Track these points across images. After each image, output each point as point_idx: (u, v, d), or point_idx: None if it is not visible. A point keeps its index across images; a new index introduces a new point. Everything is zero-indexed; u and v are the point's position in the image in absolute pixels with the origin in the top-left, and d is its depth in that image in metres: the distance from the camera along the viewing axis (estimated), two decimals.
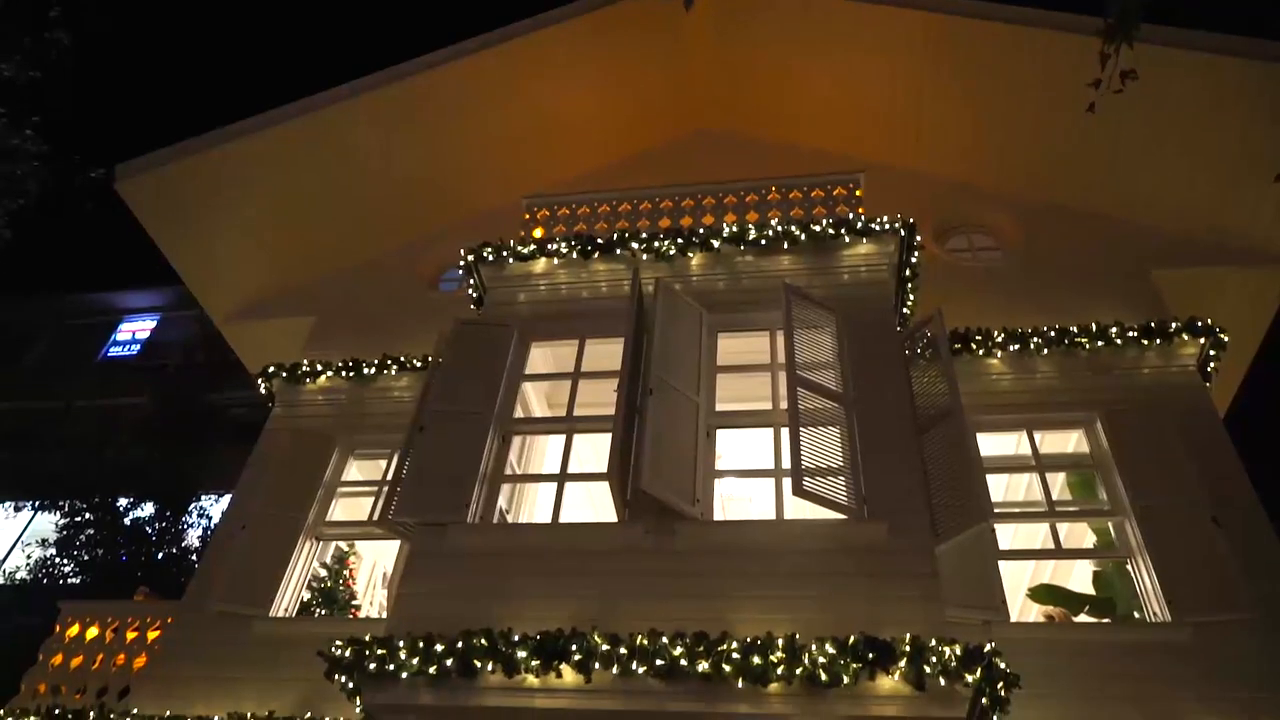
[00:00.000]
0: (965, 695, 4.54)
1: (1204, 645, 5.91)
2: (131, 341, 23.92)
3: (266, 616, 7.12)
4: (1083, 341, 7.67)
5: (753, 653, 4.70)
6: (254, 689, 6.64)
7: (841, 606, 5.02)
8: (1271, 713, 5.55)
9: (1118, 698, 5.73)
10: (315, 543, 7.84)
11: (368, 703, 5.17)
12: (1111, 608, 7.03)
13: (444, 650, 5.00)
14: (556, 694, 4.88)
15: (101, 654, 7.41)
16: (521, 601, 5.36)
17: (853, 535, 5.39)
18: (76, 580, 13.98)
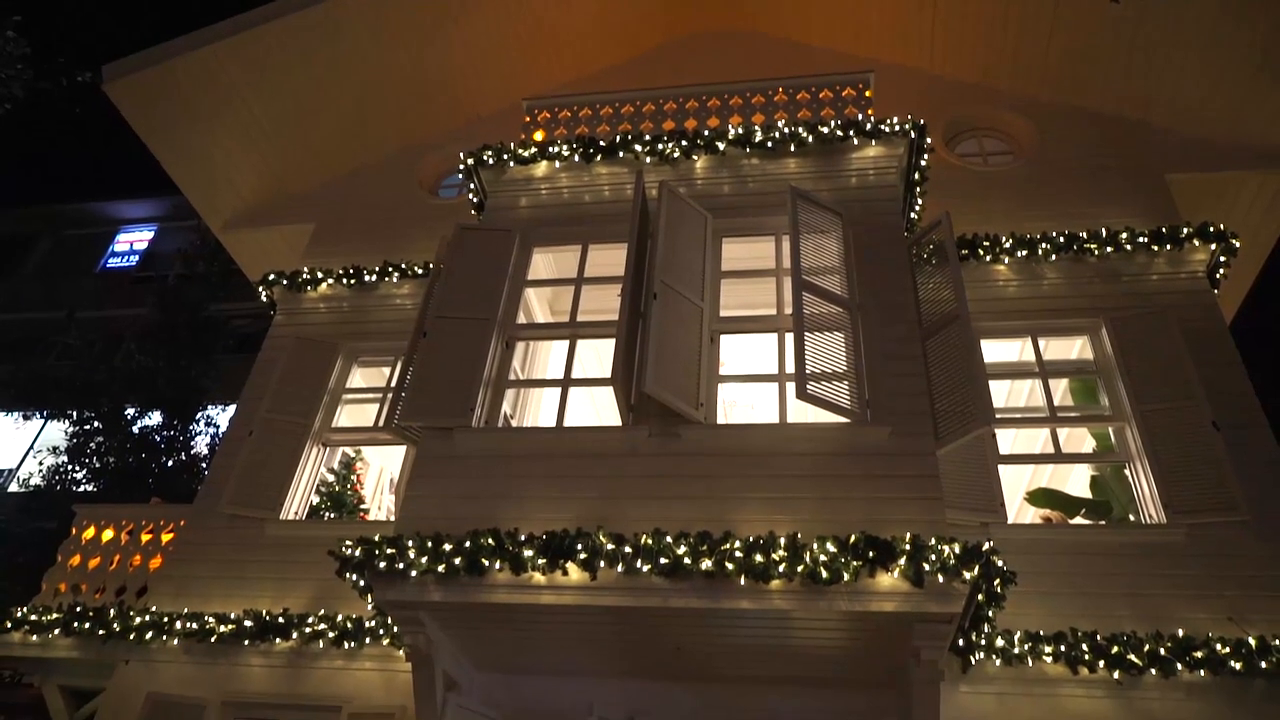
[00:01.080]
0: (962, 592, 4.64)
1: (1197, 546, 6.03)
2: (130, 252, 23.79)
3: (277, 519, 7.27)
4: (1091, 247, 7.57)
5: (755, 551, 4.78)
6: (268, 588, 6.83)
7: (843, 507, 5.08)
8: (1261, 611, 5.69)
9: (1110, 595, 5.87)
10: (322, 448, 7.94)
11: (378, 599, 5.30)
12: (1107, 511, 7.15)
13: (452, 549, 5.10)
14: (563, 591, 4.99)
15: (118, 555, 7.60)
16: (527, 503, 5.44)
17: (855, 438, 5.42)
18: (90, 487, 14.22)
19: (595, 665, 5.83)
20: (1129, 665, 5.48)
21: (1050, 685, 5.59)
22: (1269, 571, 5.86)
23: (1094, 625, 5.65)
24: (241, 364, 9.96)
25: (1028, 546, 5.99)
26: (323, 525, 7.39)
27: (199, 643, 6.59)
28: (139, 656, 6.68)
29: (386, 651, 6.33)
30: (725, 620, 4.99)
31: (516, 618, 5.25)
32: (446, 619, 5.39)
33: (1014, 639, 5.61)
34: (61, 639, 6.83)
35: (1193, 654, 5.45)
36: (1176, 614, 5.72)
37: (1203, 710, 5.42)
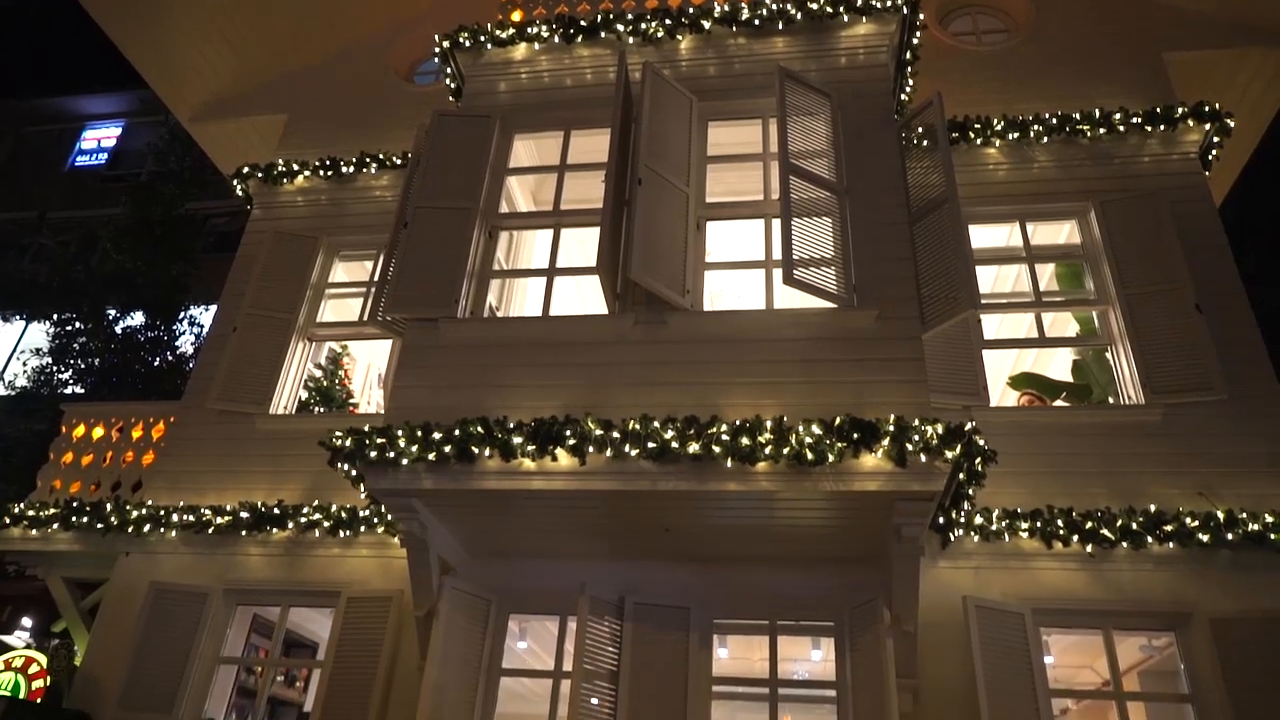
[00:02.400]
0: (944, 471, 4.74)
1: (1174, 426, 6.16)
2: (98, 150, 23.05)
3: (266, 414, 7.30)
4: (1084, 128, 7.43)
5: (741, 434, 4.85)
6: (262, 480, 6.92)
7: (828, 390, 5.14)
8: (1231, 487, 5.86)
9: (1087, 474, 6.03)
10: (308, 344, 7.91)
11: (370, 488, 5.39)
12: (1087, 394, 7.28)
13: (442, 438, 5.15)
14: (552, 476, 5.07)
15: (110, 452, 7.65)
16: (515, 392, 5.46)
17: (841, 323, 5.43)
18: (78, 389, 14.21)
19: (586, 548, 5.98)
20: (1102, 539, 5.67)
21: (1025, 559, 5.80)
22: (1241, 449, 6.01)
23: (1070, 502, 5.83)
24: (222, 263, 9.80)
25: (1008, 428, 6.11)
26: (313, 419, 7.44)
27: (197, 534, 6.72)
28: (139, 548, 6.82)
29: (382, 539, 6.48)
30: (713, 502, 5.11)
31: (508, 503, 5.35)
32: (439, 506, 5.49)
33: (992, 516, 5.79)
34: (61, 533, 6.95)
35: (1163, 527, 5.65)
36: (1150, 490, 5.90)
37: (1169, 580, 5.65)
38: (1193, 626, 5.49)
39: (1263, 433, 6.03)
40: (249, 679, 7.51)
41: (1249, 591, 5.51)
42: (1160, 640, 6.25)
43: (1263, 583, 5.53)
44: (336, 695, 5.94)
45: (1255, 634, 5.34)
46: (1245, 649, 5.30)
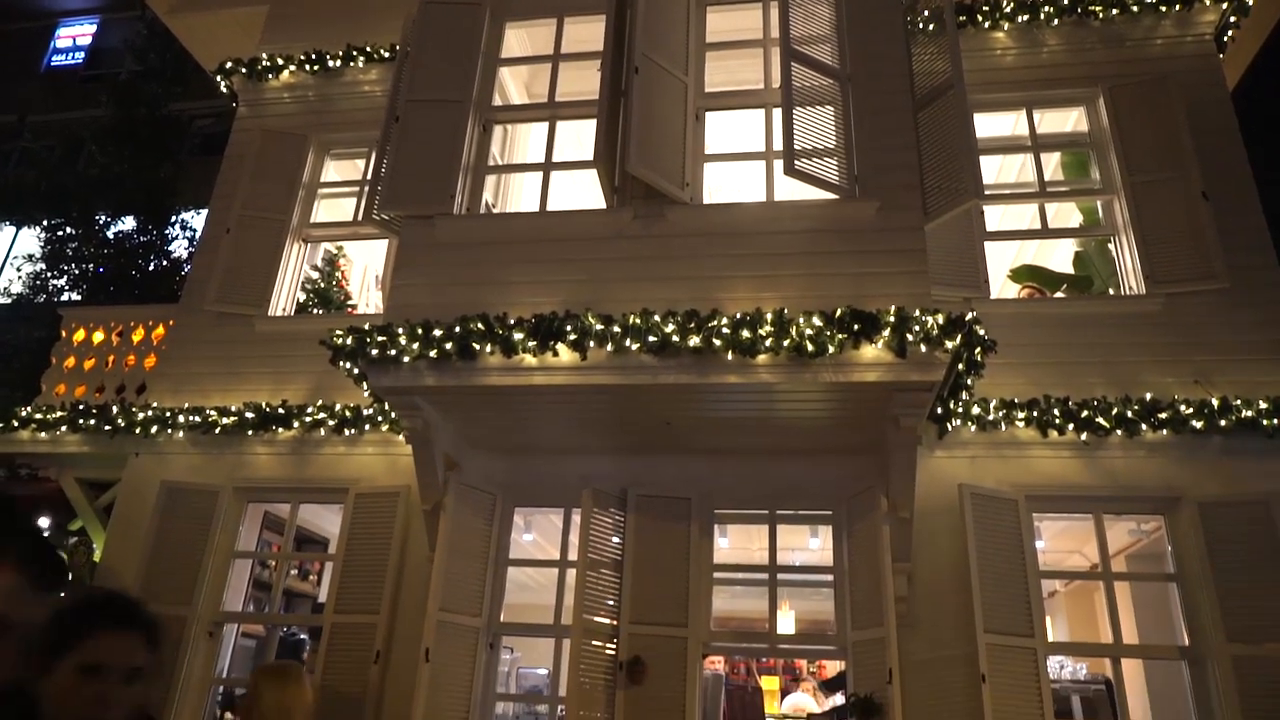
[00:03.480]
0: (943, 361, 4.76)
1: (1174, 315, 6.16)
2: (74, 49, 22.26)
3: (265, 316, 7.29)
4: (1096, 9, 7.16)
5: (742, 327, 4.85)
6: (265, 381, 6.97)
7: (829, 283, 5.11)
8: (1227, 374, 5.90)
9: (1084, 364, 6.07)
10: (303, 245, 7.82)
11: (373, 386, 5.42)
12: (1088, 285, 7.26)
13: (443, 335, 5.15)
14: (553, 372, 5.10)
15: (112, 356, 7.67)
16: (514, 288, 5.44)
17: (843, 214, 5.36)
18: (74, 295, 14.14)
19: (588, 442, 6.08)
20: (1097, 427, 5.76)
21: (1021, 448, 5.90)
22: (1239, 337, 6.03)
23: (1066, 392, 5.89)
24: (209, 166, 9.56)
25: (1008, 320, 6.11)
26: (312, 320, 7.44)
27: (204, 435, 6.81)
28: (148, 449, 6.92)
29: (387, 437, 6.57)
30: (713, 395, 5.16)
31: (510, 399, 5.40)
32: (442, 403, 5.54)
33: (990, 406, 5.86)
34: (69, 435, 7.04)
35: (1157, 415, 5.72)
36: (1146, 379, 5.95)
37: (1161, 466, 5.76)
38: (1181, 510, 5.63)
39: (1263, 320, 6.04)
40: (264, 573, 7.74)
41: (1237, 476, 5.63)
42: (1149, 524, 6.43)
43: (1251, 468, 5.63)
44: (349, 587, 6.14)
45: (1241, 516, 5.48)
46: (1230, 531, 5.45)
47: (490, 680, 5.94)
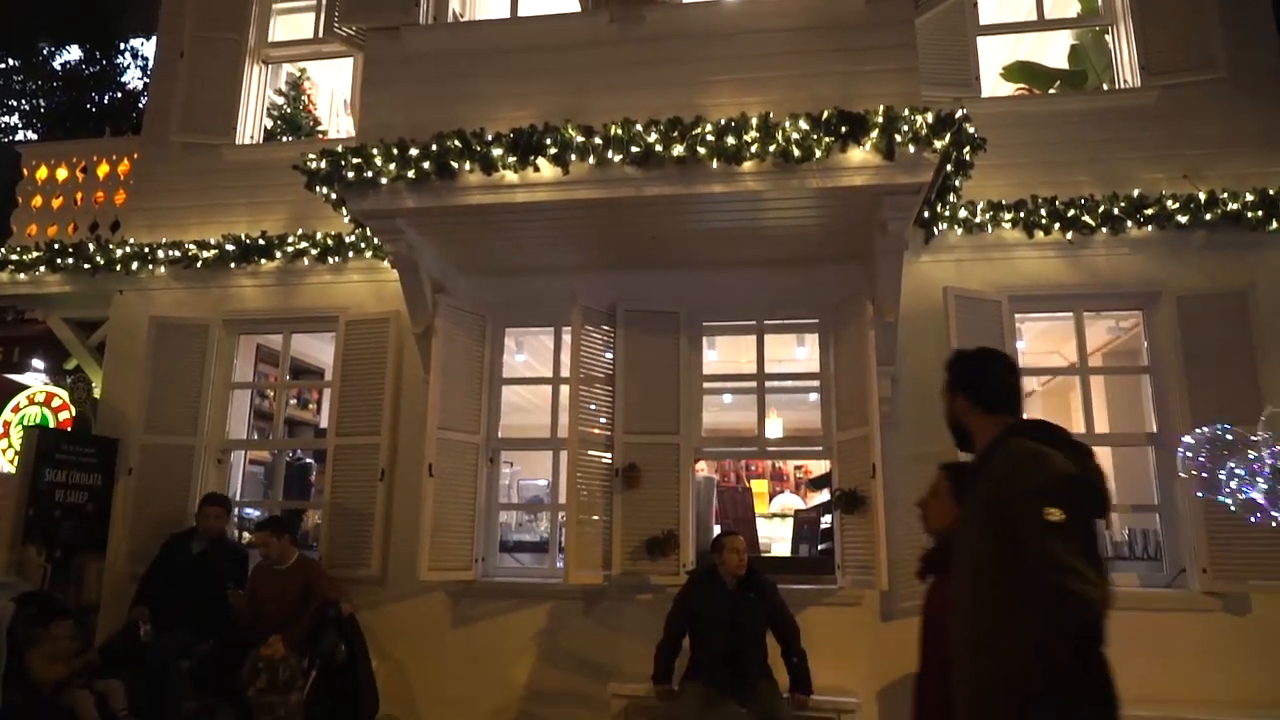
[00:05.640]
0: (931, 162, 4.68)
1: (1167, 108, 6.02)
2: None
3: (233, 144, 7.04)
4: None
5: (727, 134, 4.72)
6: (241, 212, 6.83)
7: (816, 84, 4.93)
8: (1217, 168, 5.83)
9: (1073, 162, 5.98)
10: (264, 67, 7.44)
11: (353, 210, 5.33)
12: (1083, 81, 7.03)
13: (420, 154, 5.00)
14: (536, 188, 5.00)
15: (80, 193, 7.46)
16: (490, 102, 5.23)
17: (830, 9, 5.09)
18: (30, 135, 13.56)
19: (575, 260, 6.06)
20: (1082, 226, 5.76)
21: (1006, 250, 5.92)
22: (1233, 128, 5.92)
23: (1054, 191, 5.84)
24: None
25: (998, 119, 5.92)
26: (282, 147, 7.18)
27: (185, 269, 6.75)
28: (131, 286, 6.87)
29: (372, 264, 6.52)
30: (699, 206, 5.09)
31: (493, 219, 5.33)
32: (424, 225, 5.46)
33: (976, 209, 5.83)
34: (50, 275, 6.96)
35: (1143, 211, 5.71)
36: (1136, 176, 5.88)
37: (1143, 262, 5.81)
38: (1160, 304, 5.73)
39: (1258, 110, 5.91)
40: (263, 404, 7.90)
41: (1218, 270, 5.69)
42: (1127, 322, 6.57)
43: (1232, 261, 5.70)
44: (349, 411, 6.30)
45: (1217, 309, 5.60)
46: (1205, 323, 5.59)
47: (492, 492, 6.23)
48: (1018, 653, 1.99)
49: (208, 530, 5.80)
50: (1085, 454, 2.16)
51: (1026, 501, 2.03)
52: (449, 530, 5.75)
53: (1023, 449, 2.14)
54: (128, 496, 6.45)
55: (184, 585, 5.63)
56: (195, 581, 5.63)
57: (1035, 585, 1.97)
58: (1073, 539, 1.96)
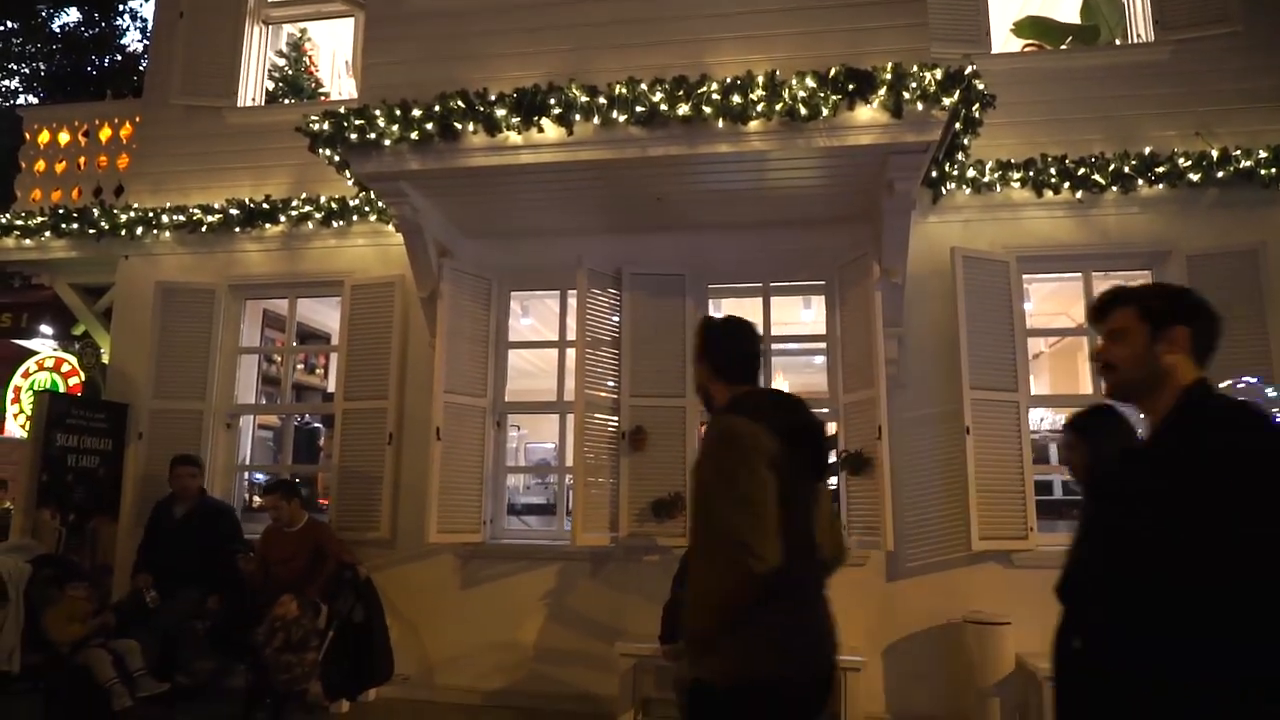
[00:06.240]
0: (940, 119, 4.61)
1: (1180, 63, 5.93)
2: None
3: (235, 107, 6.99)
4: None
5: (733, 92, 4.66)
6: (244, 176, 6.80)
7: (823, 41, 4.85)
8: (1230, 124, 5.76)
9: (1084, 120, 5.91)
10: (264, 28, 7.35)
11: (356, 173, 5.29)
12: (1095, 36, 6.91)
13: (422, 115, 4.95)
14: (540, 149, 4.95)
15: (82, 157, 7.44)
16: (493, 61, 5.17)
17: None
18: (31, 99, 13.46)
19: (580, 223, 6.02)
20: (1092, 185, 5.69)
21: (1015, 209, 5.86)
22: (1247, 83, 5.83)
23: (1064, 150, 5.77)
24: None
25: (1008, 77, 5.87)
26: (284, 109, 7.12)
27: (190, 234, 6.74)
28: (137, 251, 6.87)
29: (376, 228, 6.50)
30: (704, 166, 5.04)
31: (497, 181, 5.29)
32: (429, 188, 5.43)
33: (985, 168, 5.76)
34: (55, 240, 6.95)
35: (1155, 169, 5.64)
36: (1147, 133, 5.81)
37: (1153, 221, 5.76)
38: (1170, 263, 5.69)
39: (1273, 65, 5.81)
40: (271, 369, 7.93)
41: (1229, 229, 5.64)
42: (1136, 282, 6.51)
43: (1243, 219, 5.64)
44: (356, 375, 6.32)
45: (1228, 267, 5.55)
46: (1215, 280, 5.49)
47: (500, 455, 6.26)
48: (705, 602, 2.14)
49: (184, 491, 5.86)
50: (795, 425, 2.25)
51: (709, 472, 2.18)
52: (457, 493, 5.79)
53: (717, 424, 2.25)
54: (138, 461, 6.51)
55: (173, 549, 5.70)
56: (184, 543, 5.70)
57: (714, 550, 2.11)
58: (746, 507, 2.07)
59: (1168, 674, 1.60)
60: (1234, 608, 1.55)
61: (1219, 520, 1.58)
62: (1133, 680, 1.66)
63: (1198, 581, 1.59)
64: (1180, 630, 1.60)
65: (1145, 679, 1.63)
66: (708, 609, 2.14)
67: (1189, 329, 1.84)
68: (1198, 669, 1.57)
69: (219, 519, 5.92)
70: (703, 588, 2.17)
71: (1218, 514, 1.59)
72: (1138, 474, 1.81)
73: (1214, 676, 1.55)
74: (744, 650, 2.12)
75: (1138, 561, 1.68)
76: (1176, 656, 1.60)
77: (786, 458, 2.15)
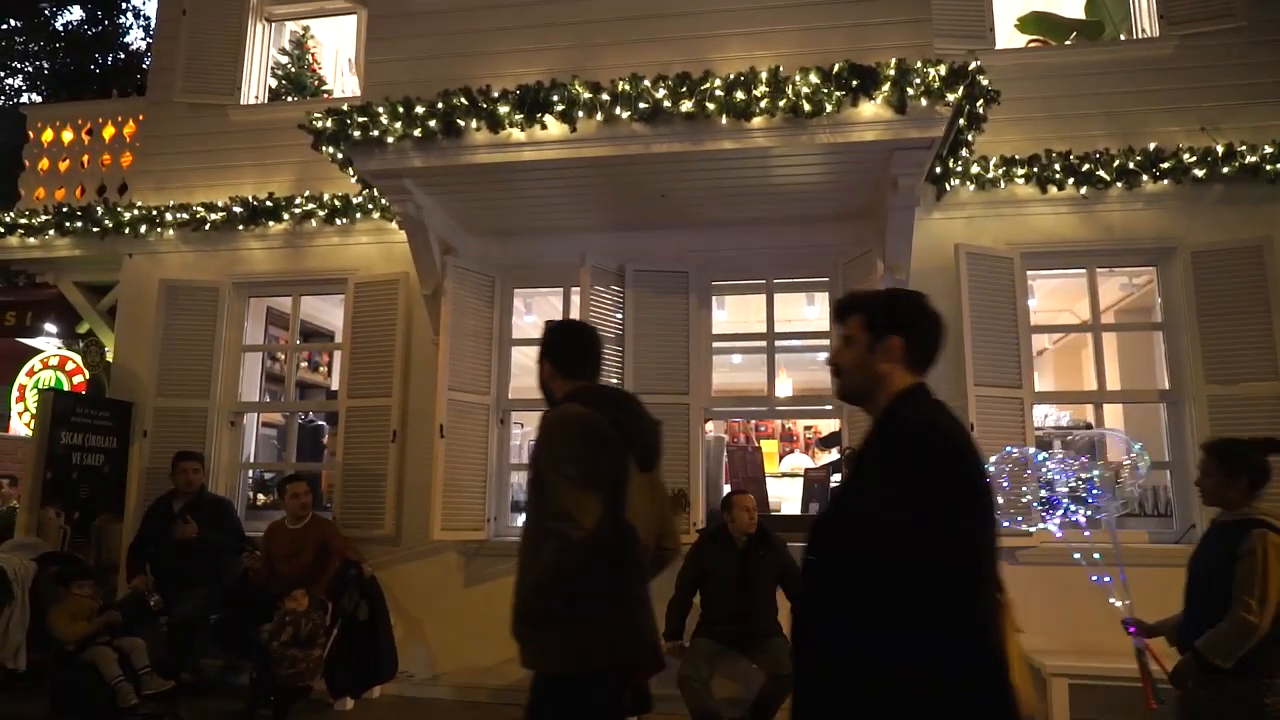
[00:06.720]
0: (944, 115, 4.60)
1: (1185, 59, 5.91)
2: None
3: (238, 104, 6.99)
4: None
5: (736, 88, 4.65)
6: (248, 174, 6.80)
7: (827, 37, 4.87)
8: (1235, 120, 5.74)
9: (1089, 116, 5.90)
10: (267, 25, 7.36)
11: (359, 170, 5.29)
12: (1100, 32, 6.90)
13: (425, 112, 4.95)
14: (543, 146, 4.95)
15: (86, 155, 7.46)
16: (496, 58, 5.18)
17: None
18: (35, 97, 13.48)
19: (584, 220, 6.02)
20: (1097, 181, 5.68)
21: (1019, 206, 5.85)
22: (1251, 80, 5.81)
23: (1068, 146, 5.75)
24: None
25: (1012, 72, 5.85)
26: (288, 107, 7.11)
27: (194, 232, 6.74)
28: (140, 249, 6.88)
29: (379, 225, 6.50)
30: (708, 163, 5.03)
31: (500, 178, 5.28)
32: (431, 185, 5.43)
33: (989, 164, 5.74)
34: (59, 239, 6.97)
35: (1159, 165, 5.63)
36: (1152, 129, 5.80)
37: (1157, 217, 5.74)
38: (1174, 260, 5.67)
39: (1278, 60, 5.79)
40: (274, 366, 7.94)
41: (1234, 224, 5.62)
42: (1140, 278, 6.51)
43: (1248, 215, 5.62)
44: (360, 373, 6.32)
45: (1232, 263, 5.54)
46: (1220, 277, 5.53)
47: (503, 452, 6.27)
48: (535, 582, 2.26)
49: (187, 486, 5.86)
50: (629, 418, 2.43)
51: (544, 459, 2.31)
52: (461, 490, 5.80)
53: (554, 412, 2.41)
54: (143, 458, 6.52)
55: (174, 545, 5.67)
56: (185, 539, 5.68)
57: (542, 531, 2.24)
58: (571, 483, 2.21)
59: (828, 657, 1.72)
60: (870, 594, 1.66)
61: (858, 511, 1.75)
62: (805, 664, 1.78)
63: (848, 569, 1.72)
64: (834, 615, 1.72)
65: (815, 663, 1.76)
66: (535, 590, 2.25)
67: (903, 339, 1.94)
68: (845, 651, 1.68)
69: (217, 512, 5.92)
70: (531, 570, 2.26)
71: (858, 506, 1.76)
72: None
73: (854, 658, 1.66)
74: (574, 639, 2.24)
75: (818, 557, 1.82)
76: (832, 639, 1.71)
77: (618, 447, 2.33)
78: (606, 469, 2.27)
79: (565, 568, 2.19)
